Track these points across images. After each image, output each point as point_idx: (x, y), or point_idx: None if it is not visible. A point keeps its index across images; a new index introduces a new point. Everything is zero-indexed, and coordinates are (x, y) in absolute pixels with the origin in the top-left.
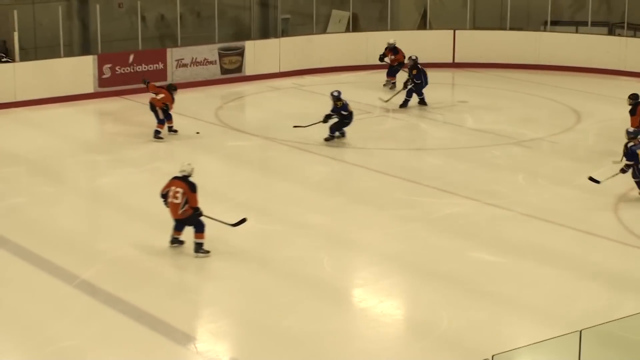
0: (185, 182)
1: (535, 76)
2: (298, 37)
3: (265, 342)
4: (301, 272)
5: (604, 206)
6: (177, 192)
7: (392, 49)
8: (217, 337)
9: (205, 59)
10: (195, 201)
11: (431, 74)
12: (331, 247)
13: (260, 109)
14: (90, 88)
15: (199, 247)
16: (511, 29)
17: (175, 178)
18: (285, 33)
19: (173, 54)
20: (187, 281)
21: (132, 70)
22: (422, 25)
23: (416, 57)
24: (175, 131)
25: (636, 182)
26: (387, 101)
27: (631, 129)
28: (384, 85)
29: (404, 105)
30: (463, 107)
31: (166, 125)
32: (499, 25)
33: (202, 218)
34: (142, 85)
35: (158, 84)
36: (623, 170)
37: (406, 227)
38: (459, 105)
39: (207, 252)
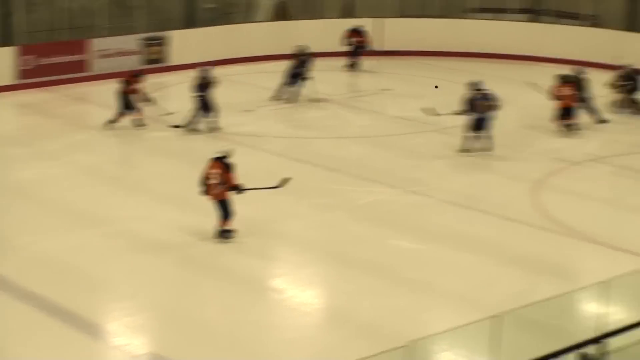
0: (222, 163)
1: (458, 63)
2: (224, 26)
3: (184, 335)
4: (220, 263)
5: (522, 191)
6: (213, 172)
7: (359, 32)
8: (134, 330)
9: (128, 49)
10: (232, 180)
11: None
12: (252, 237)
13: (184, 99)
14: (10, 80)
15: (222, 233)
16: (435, 16)
17: (212, 160)
18: (211, 22)
19: (95, 45)
20: (104, 275)
21: (53, 62)
22: (348, 13)
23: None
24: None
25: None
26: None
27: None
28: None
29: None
30: (387, 95)
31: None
32: (422, 12)
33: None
34: (65, 76)
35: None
36: (458, 113)
37: (327, 215)
38: (383, 93)
39: (232, 234)
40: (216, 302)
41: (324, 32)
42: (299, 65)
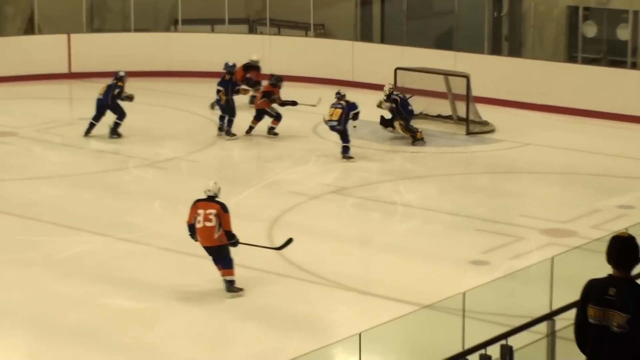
0: (216, 202)
1: (168, 84)
2: None
3: None
4: None
5: (256, 233)
6: (210, 213)
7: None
8: None
9: None
10: (230, 224)
11: (44, 87)
12: None
13: None
14: None
15: (230, 285)
16: (136, 30)
17: (200, 201)
18: None
19: None
20: None
21: None
22: (30, 29)
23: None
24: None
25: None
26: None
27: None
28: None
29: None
30: (84, 126)
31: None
32: (122, 26)
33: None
34: None
35: None
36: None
37: (24, 273)
38: (79, 124)
39: (241, 289)
40: None
41: (3, 53)
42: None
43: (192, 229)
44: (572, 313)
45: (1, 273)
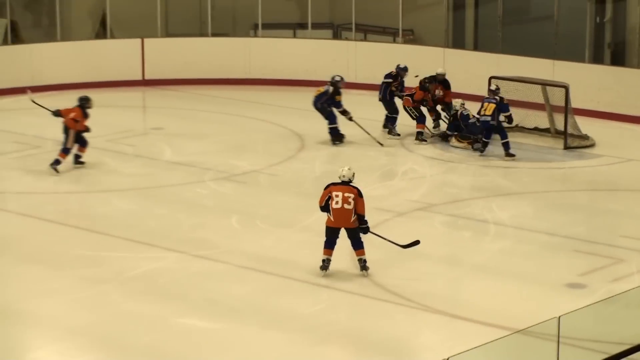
0: (353, 187)
1: (246, 93)
2: None
3: None
4: None
5: (340, 251)
6: (349, 197)
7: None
8: None
9: None
10: (364, 209)
11: (116, 95)
12: None
13: None
14: None
15: (365, 264)
16: (214, 35)
17: (334, 184)
18: None
19: None
20: None
21: None
22: (102, 33)
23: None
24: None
25: None
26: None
27: None
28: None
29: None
30: (158, 136)
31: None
32: (199, 31)
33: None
34: None
35: None
36: None
37: (94, 290)
38: (153, 134)
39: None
40: None
41: (73, 58)
42: None
43: (326, 209)
44: None
45: (71, 290)
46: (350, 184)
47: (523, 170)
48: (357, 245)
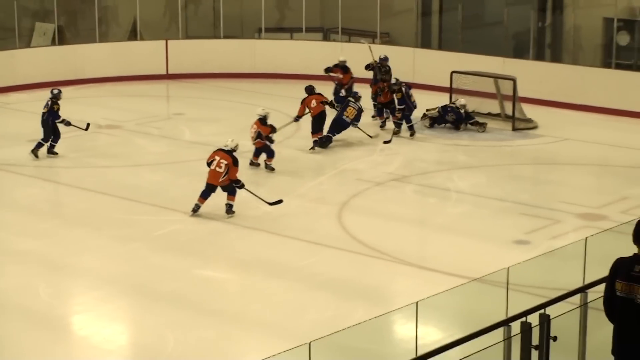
0: (230, 156)
1: (252, 85)
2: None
3: None
4: (15, 303)
5: (327, 215)
6: (222, 162)
7: (343, 67)
8: None
9: None
10: (236, 174)
11: (144, 87)
12: (47, 274)
13: None
14: None
15: (229, 208)
16: (225, 37)
17: (220, 150)
18: None
19: None
20: None
21: None
22: (133, 36)
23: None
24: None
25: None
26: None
27: None
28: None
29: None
30: (179, 120)
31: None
32: (213, 33)
33: (241, 190)
34: None
35: None
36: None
37: (126, 247)
38: (175, 118)
39: (234, 212)
40: (11, 344)
41: (110, 56)
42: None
43: (209, 165)
44: (602, 287)
45: (107, 247)
46: (233, 153)
47: (479, 148)
48: (229, 193)
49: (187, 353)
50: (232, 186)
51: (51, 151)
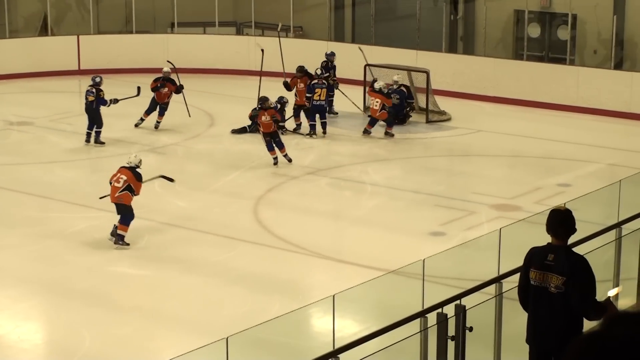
0: (132, 172)
1: None
2: None
3: None
4: None
5: (243, 209)
6: (121, 178)
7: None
8: None
9: None
10: (139, 190)
11: (56, 83)
12: None
13: None
14: None
15: (120, 238)
16: (137, 32)
17: (123, 167)
18: None
19: None
20: None
21: None
22: (44, 31)
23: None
24: None
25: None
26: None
27: None
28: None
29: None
30: None
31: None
32: (125, 28)
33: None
34: None
35: None
36: None
37: (41, 245)
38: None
39: (127, 244)
40: None
41: (20, 52)
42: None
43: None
44: (516, 277)
45: (21, 245)
46: (136, 169)
47: (393, 141)
48: (121, 221)
49: (104, 350)
50: (125, 208)
51: (98, 140)
